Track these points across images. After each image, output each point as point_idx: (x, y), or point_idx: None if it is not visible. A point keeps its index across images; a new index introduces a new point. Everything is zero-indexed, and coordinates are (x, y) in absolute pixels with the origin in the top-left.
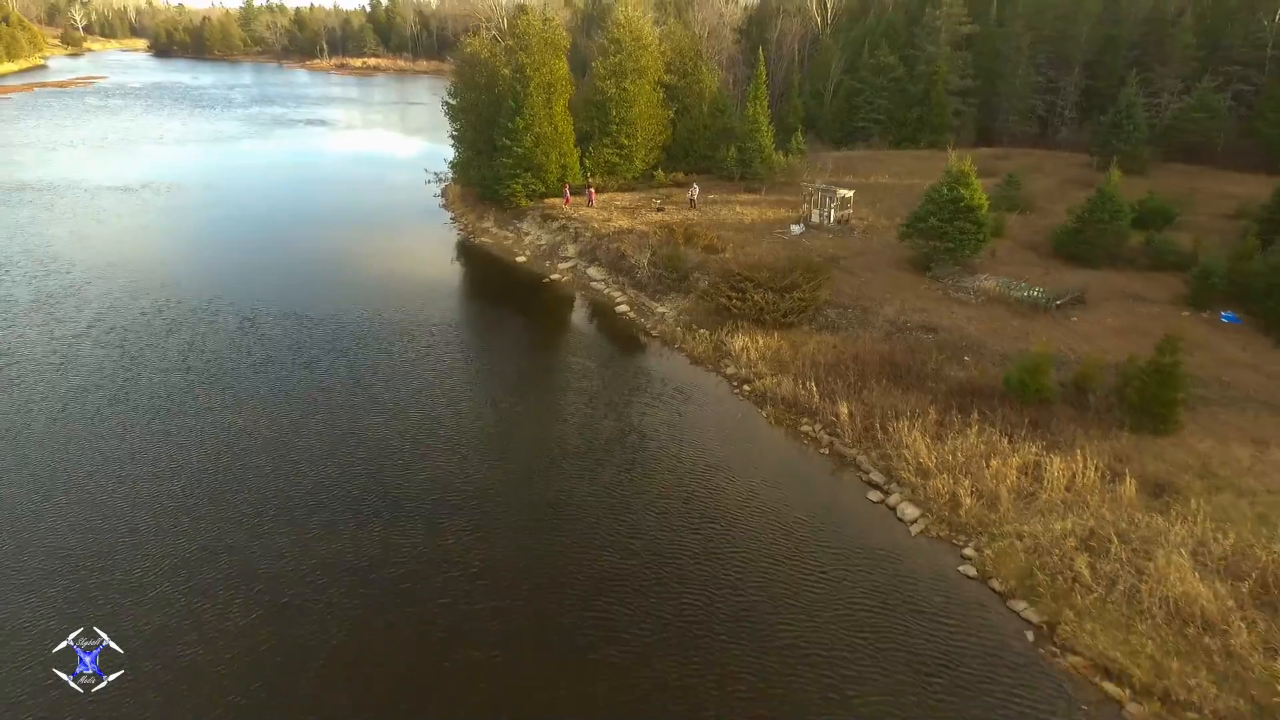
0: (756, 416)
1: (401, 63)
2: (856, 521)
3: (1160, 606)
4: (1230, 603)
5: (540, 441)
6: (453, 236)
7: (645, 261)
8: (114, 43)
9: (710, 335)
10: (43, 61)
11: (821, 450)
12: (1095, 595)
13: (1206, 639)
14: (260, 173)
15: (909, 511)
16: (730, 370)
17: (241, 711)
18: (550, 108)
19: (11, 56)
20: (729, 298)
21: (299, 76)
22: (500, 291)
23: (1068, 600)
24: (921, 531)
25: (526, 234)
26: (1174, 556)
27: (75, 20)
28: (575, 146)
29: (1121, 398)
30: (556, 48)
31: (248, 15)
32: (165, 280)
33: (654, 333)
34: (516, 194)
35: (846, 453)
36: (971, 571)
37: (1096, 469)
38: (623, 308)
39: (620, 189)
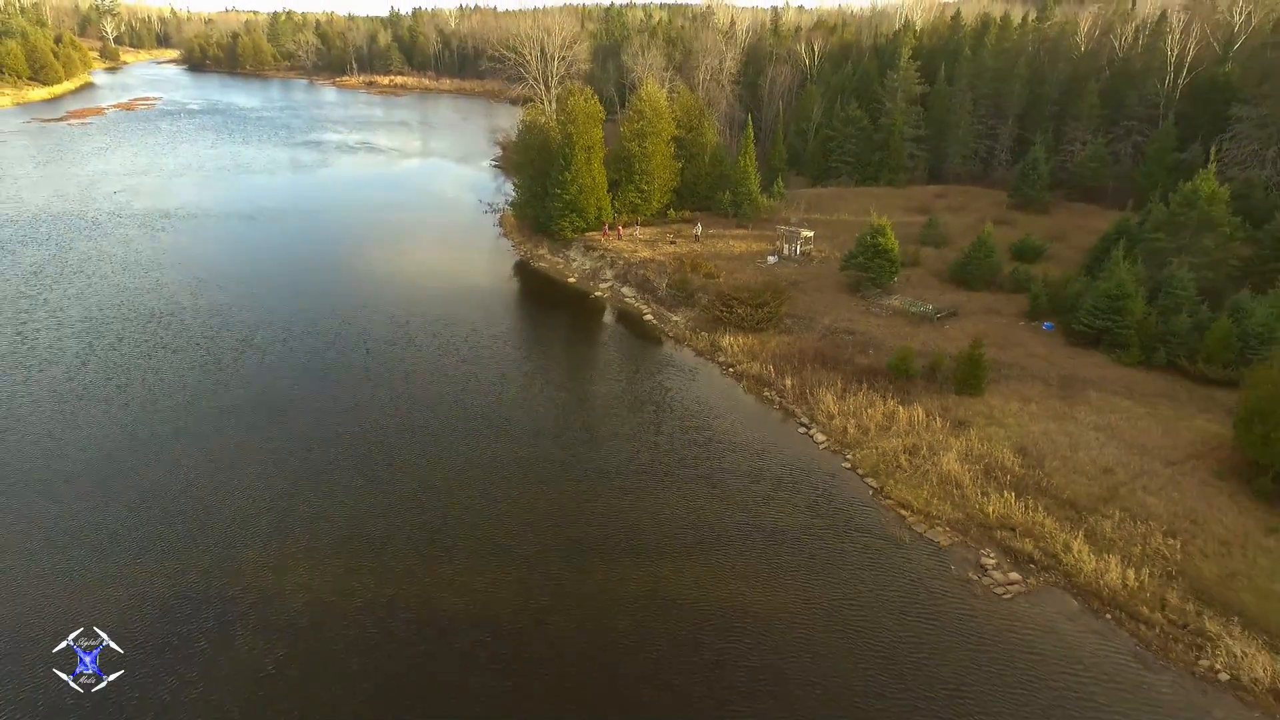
0: (736, 387)
1: (426, 81)
2: (790, 443)
3: (937, 477)
4: (970, 474)
5: (599, 394)
6: (516, 260)
7: (663, 284)
8: (144, 53)
9: (708, 336)
10: (89, 78)
11: (775, 407)
12: (907, 473)
13: (954, 490)
14: (344, 199)
15: (820, 437)
16: (721, 359)
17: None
18: (590, 164)
19: (68, 75)
20: (721, 311)
21: (330, 95)
22: (558, 303)
23: (893, 476)
24: (826, 448)
25: (573, 260)
26: (950, 455)
27: (107, 32)
28: (607, 192)
29: (953, 374)
30: (595, 118)
31: (274, 30)
32: (322, 289)
33: (670, 334)
34: (565, 229)
35: (789, 407)
36: (848, 465)
37: (927, 414)
38: (648, 316)
39: (641, 224)
